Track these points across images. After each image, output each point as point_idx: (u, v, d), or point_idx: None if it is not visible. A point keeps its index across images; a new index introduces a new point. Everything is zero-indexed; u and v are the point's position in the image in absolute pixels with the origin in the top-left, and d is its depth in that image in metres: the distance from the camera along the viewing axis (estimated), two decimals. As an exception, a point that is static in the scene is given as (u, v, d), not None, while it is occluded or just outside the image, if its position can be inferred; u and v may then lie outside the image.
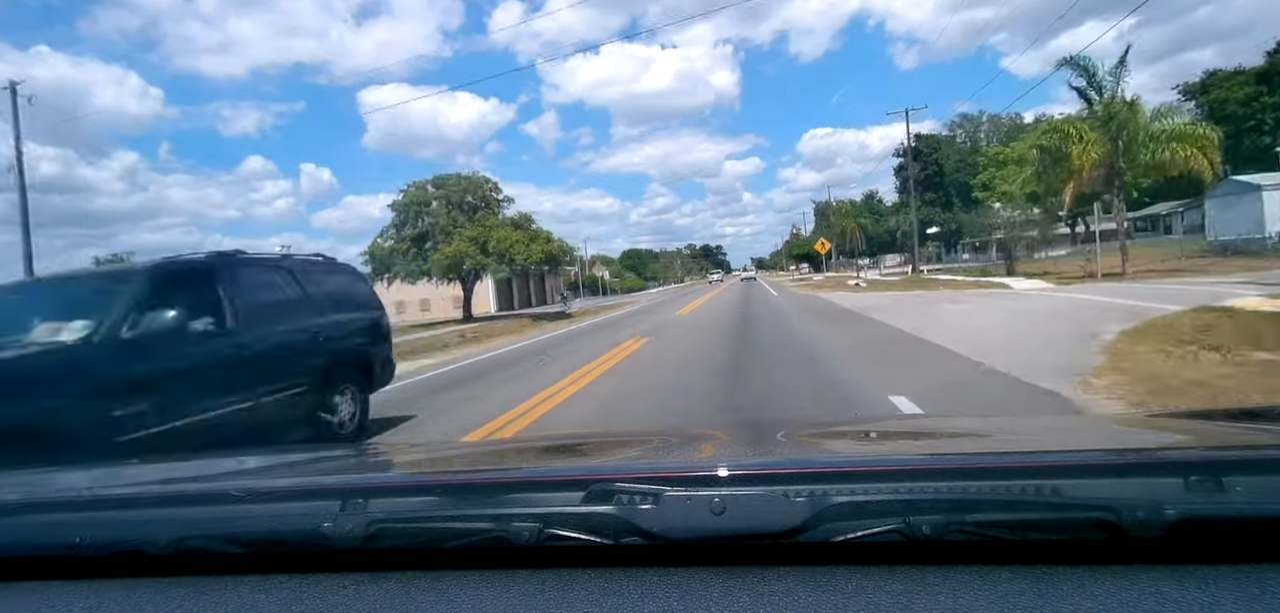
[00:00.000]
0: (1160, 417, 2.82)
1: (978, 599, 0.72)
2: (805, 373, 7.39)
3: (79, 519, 1.00)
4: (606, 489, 0.85)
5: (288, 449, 3.04)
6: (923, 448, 1.46)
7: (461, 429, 6.00)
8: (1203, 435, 1.33)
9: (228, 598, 0.87)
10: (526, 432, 5.68)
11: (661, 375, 8.26)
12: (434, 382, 9.72)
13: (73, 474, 1.58)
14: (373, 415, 6.23)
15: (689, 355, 9.95)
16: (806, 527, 0.79)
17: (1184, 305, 9.90)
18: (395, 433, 6.11)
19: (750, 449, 1.53)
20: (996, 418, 4.20)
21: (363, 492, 0.96)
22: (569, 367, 9.65)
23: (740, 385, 6.87)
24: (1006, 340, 8.59)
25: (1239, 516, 0.73)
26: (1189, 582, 0.71)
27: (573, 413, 6.35)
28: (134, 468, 1.97)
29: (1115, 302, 12.30)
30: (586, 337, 15.56)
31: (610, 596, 0.79)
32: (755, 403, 5.98)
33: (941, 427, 1.99)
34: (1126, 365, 6.12)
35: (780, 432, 1.69)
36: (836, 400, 5.82)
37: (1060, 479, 0.80)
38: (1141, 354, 6.59)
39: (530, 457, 1.66)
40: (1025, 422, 3.27)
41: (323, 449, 3.20)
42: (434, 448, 3.31)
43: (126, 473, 1.66)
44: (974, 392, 5.83)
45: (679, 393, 6.91)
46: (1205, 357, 6.09)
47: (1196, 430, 1.42)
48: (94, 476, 1.59)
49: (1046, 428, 2.04)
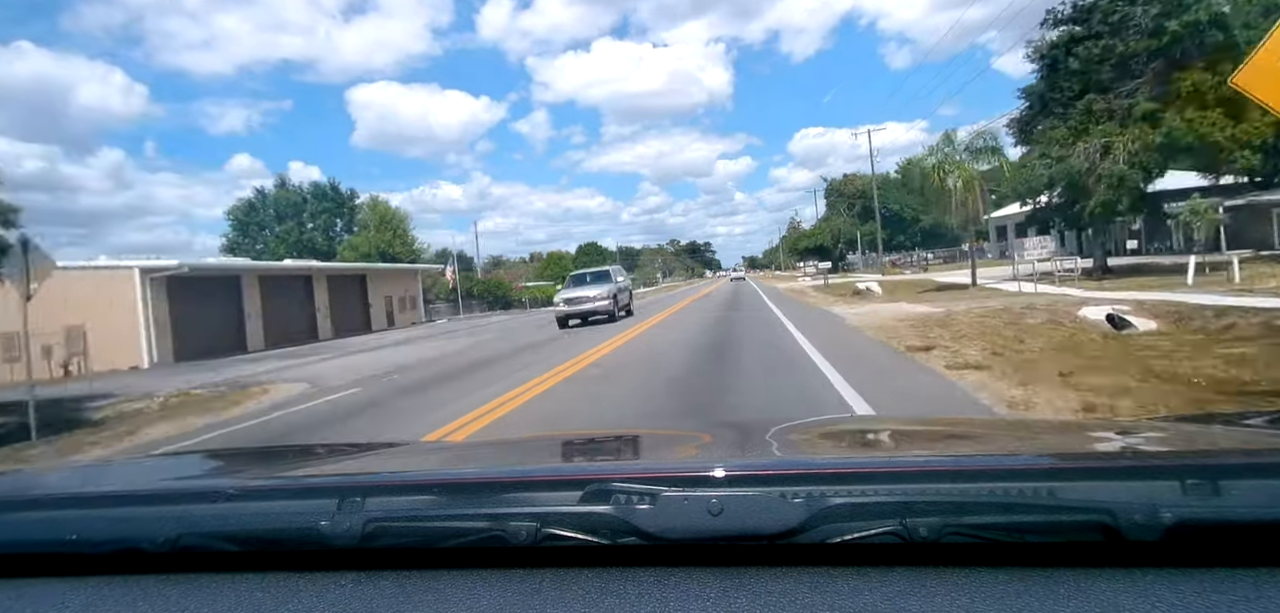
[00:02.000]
0: (1158, 421, 2.83)
1: (975, 602, 0.72)
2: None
3: (74, 517, 1.00)
4: (604, 489, 0.85)
5: (284, 447, 3.04)
6: (920, 450, 1.46)
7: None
8: (1200, 439, 1.34)
9: (224, 596, 0.87)
10: (523, 433, 5.66)
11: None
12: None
13: (68, 472, 1.58)
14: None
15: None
16: (803, 528, 0.79)
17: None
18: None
19: (747, 450, 1.53)
20: (994, 420, 4.21)
21: (360, 490, 0.96)
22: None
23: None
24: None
25: (1236, 520, 0.74)
26: (1185, 586, 0.71)
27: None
28: (130, 465, 1.96)
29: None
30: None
31: (607, 596, 0.79)
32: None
33: (939, 429, 2.00)
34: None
35: (777, 433, 1.69)
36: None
37: (1057, 482, 0.80)
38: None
39: (528, 456, 1.66)
40: (1023, 424, 3.28)
41: (319, 447, 3.20)
42: (431, 447, 3.31)
43: (122, 470, 1.66)
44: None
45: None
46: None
47: (1194, 434, 1.42)
48: (89, 473, 1.59)
49: (1044, 431, 2.05)
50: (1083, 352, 7.86)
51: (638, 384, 8.27)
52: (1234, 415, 1.99)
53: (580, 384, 8.58)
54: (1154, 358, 7.06)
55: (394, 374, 11.99)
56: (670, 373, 8.73)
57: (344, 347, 21.88)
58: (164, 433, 8.55)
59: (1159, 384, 5.77)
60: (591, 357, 11.14)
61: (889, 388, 6.56)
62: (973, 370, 6.91)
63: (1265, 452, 1.12)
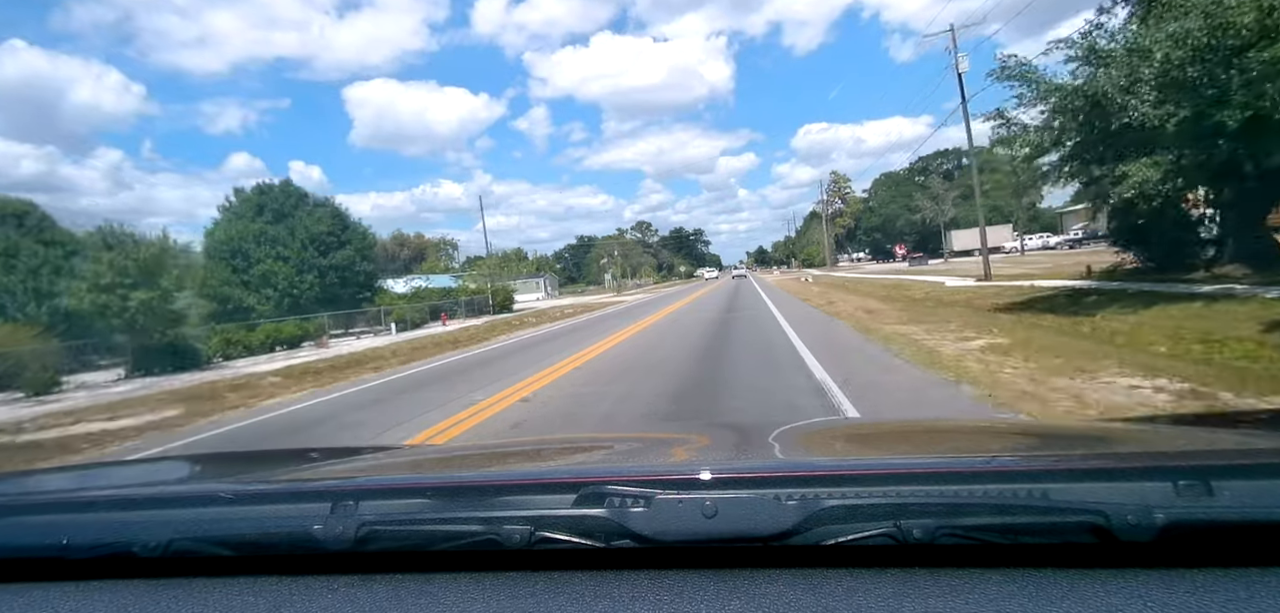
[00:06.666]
0: (1150, 421, 2.84)
1: (968, 603, 0.72)
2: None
3: (66, 521, 0.99)
4: (598, 492, 0.85)
5: (277, 451, 3.03)
6: (913, 452, 1.46)
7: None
8: (1192, 440, 1.34)
9: (216, 601, 0.87)
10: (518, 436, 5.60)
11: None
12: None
13: (61, 475, 1.57)
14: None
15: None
16: (797, 530, 0.79)
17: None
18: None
19: (741, 453, 1.53)
20: (987, 421, 4.22)
21: (353, 494, 0.95)
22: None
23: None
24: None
25: (1228, 520, 0.74)
26: (1178, 586, 0.71)
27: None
28: (123, 468, 1.95)
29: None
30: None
31: (601, 599, 0.79)
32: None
33: (932, 430, 2.00)
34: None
35: (772, 435, 1.69)
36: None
37: (1050, 483, 0.81)
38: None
39: (521, 459, 1.65)
40: (1016, 425, 3.29)
41: (313, 451, 3.19)
42: (425, 451, 3.30)
43: (115, 474, 1.65)
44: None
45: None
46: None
47: (1186, 435, 1.42)
48: (82, 476, 1.58)
49: (1037, 432, 2.06)
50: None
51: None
52: (1226, 416, 2.00)
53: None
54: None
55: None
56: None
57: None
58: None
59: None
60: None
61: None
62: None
63: (1257, 453, 1.13)
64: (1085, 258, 22.50)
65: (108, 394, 13.97)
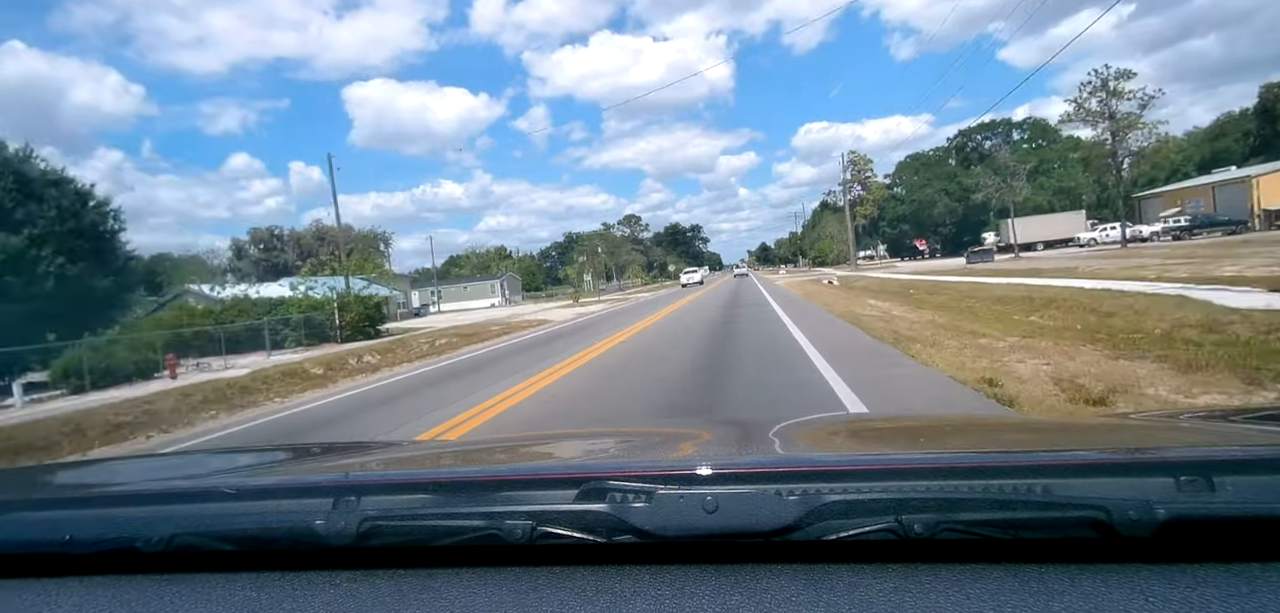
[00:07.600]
0: (1151, 417, 2.84)
1: (970, 598, 0.72)
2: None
3: (69, 517, 1.00)
4: (599, 487, 0.85)
5: (279, 446, 3.03)
6: (915, 447, 1.46)
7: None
8: (1194, 435, 1.34)
9: (219, 596, 0.87)
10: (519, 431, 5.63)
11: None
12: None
13: (63, 471, 1.57)
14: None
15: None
16: (799, 525, 0.79)
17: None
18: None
19: (743, 448, 1.53)
20: (989, 417, 4.22)
21: (355, 489, 0.96)
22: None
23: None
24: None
25: (1229, 515, 0.74)
26: (1180, 581, 0.71)
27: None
28: (125, 464, 1.96)
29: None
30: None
31: (603, 594, 0.79)
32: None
33: (933, 425, 2.00)
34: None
35: (773, 431, 1.69)
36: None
37: (1052, 479, 0.81)
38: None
39: (523, 455, 1.65)
40: (1017, 420, 3.29)
41: (315, 446, 3.20)
42: (426, 446, 3.31)
43: (117, 470, 1.66)
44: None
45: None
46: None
47: (1187, 430, 1.42)
48: (84, 472, 1.58)
49: (1038, 427, 2.06)
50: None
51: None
52: (1227, 412, 2.00)
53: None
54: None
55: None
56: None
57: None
58: None
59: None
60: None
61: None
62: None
63: (1258, 447, 1.12)
64: (1241, 249, 15.02)
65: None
